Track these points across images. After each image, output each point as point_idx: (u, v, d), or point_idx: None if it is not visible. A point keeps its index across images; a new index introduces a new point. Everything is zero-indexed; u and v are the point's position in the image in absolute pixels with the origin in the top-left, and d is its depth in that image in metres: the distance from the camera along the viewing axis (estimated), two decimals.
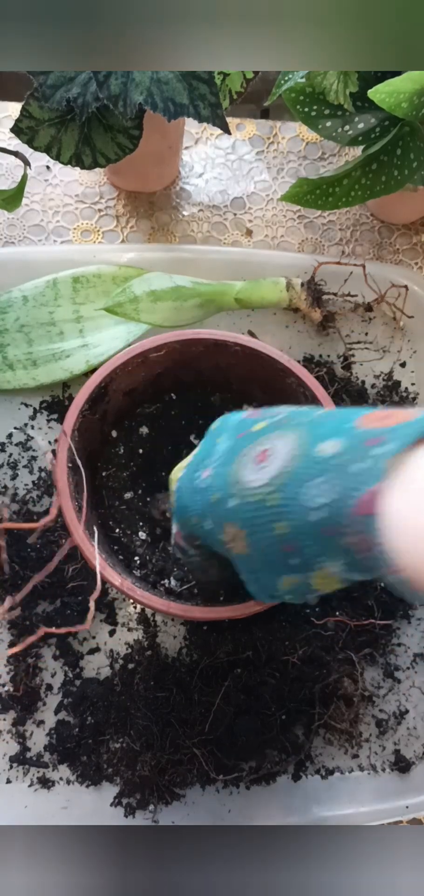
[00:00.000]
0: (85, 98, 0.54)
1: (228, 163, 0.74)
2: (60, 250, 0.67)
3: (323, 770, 0.53)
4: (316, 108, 0.60)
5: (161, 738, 0.51)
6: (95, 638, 0.55)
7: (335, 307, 0.66)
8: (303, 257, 0.67)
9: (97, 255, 0.65)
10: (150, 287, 0.60)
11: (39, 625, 0.48)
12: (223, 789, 0.52)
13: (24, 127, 0.57)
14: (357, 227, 0.72)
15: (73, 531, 0.47)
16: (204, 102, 0.54)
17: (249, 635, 0.54)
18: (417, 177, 0.59)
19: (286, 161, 0.74)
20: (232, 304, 0.63)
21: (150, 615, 0.56)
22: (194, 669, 0.53)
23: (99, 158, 0.58)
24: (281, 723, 0.52)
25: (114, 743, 0.52)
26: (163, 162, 0.70)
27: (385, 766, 0.53)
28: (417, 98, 0.54)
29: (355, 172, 0.60)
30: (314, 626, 0.55)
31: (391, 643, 0.56)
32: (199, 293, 0.62)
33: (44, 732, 0.52)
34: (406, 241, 0.72)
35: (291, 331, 0.66)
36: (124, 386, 0.55)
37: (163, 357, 0.55)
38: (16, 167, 0.71)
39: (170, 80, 0.53)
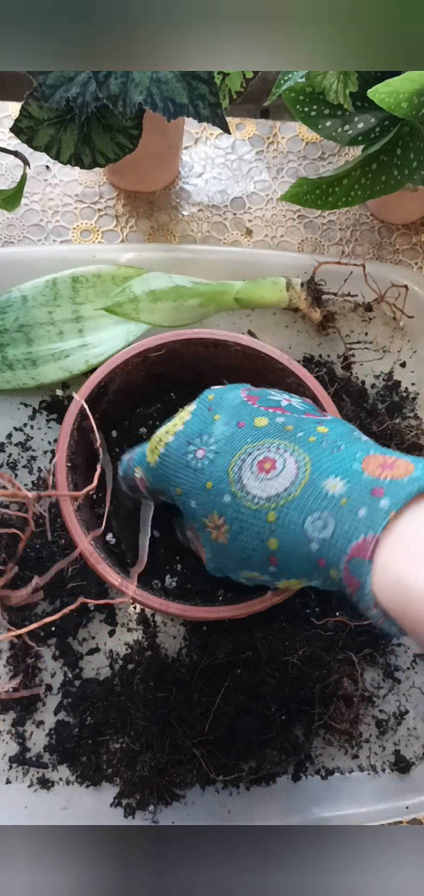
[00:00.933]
0: (84, 98, 0.54)
1: (228, 163, 0.74)
2: (60, 250, 0.67)
3: (323, 770, 0.53)
4: (316, 107, 0.60)
5: (161, 738, 0.51)
6: (95, 638, 0.55)
7: (335, 307, 0.65)
8: (303, 257, 0.67)
9: (97, 254, 0.65)
10: (150, 287, 0.60)
11: (77, 597, 0.49)
12: (223, 790, 0.52)
13: (23, 127, 0.57)
14: (357, 227, 0.72)
15: (73, 531, 0.47)
16: (203, 102, 0.54)
17: (249, 635, 0.54)
18: (417, 177, 0.59)
19: (286, 161, 0.74)
20: (231, 304, 0.63)
21: (150, 615, 0.56)
22: (194, 670, 0.53)
23: (98, 158, 0.58)
24: (281, 723, 0.52)
25: (113, 743, 0.52)
26: (162, 162, 0.70)
27: (385, 767, 0.53)
28: (417, 98, 0.54)
29: (355, 172, 0.60)
30: (314, 627, 0.55)
31: (391, 643, 0.56)
32: (199, 293, 0.62)
33: (43, 733, 0.52)
34: (406, 241, 0.71)
35: (291, 331, 0.66)
36: (124, 386, 0.55)
37: (163, 357, 0.55)
38: (15, 167, 0.71)
39: (169, 79, 0.53)
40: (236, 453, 0.41)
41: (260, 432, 0.41)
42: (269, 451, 0.40)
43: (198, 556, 0.47)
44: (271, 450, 0.40)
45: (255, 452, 0.40)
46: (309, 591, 0.56)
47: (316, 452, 0.39)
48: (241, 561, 0.41)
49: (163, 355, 0.55)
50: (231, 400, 0.45)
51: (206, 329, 0.57)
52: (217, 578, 0.46)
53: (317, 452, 0.39)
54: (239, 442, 0.41)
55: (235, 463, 0.40)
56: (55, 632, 0.55)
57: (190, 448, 0.43)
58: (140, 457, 0.48)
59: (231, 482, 0.40)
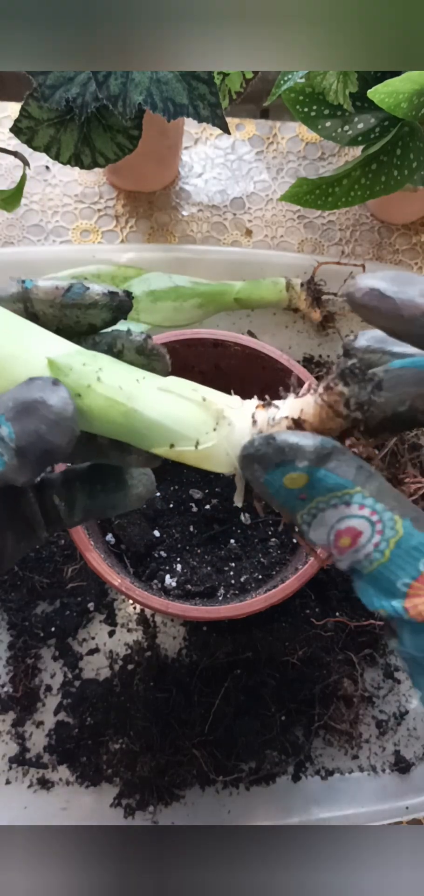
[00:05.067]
0: (84, 98, 0.54)
1: (228, 163, 0.74)
2: (59, 250, 0.67)
3: (322, 771, 0.53)
4: (316, 108, 0.60)
5: (160, 738, 0.51)
6: (95, 639, 0.55)
7: (335, 307, 0.65)
8: (303, 257, 0.67)
9: (96, 255, 0.65)
10: (150, 287, 0.60)
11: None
12: (223, 790, 0.52)
13: (23, 127, 0.57)
14: (357, 227, 0.72)
15: (73, 531, 0.47)
16: (203, 102, 0.54)
17: (249, 636, 0.54)
18: (417, 177, 0.59)
19: (285, 161, 0.74)
20: (231, 305, 0.63)
21: (150, 616, 0.56)
22: (194, 670, 0.53)
23: (98, 158, 0.58)
24: (280, 723, 0.52)
25: (113, 744, 0.52)
26: (162, 162, 0.70)
27: (385, 767, 0.53)
28: (416, 98, 0.54)
29: (355, 172, 0.60)
30: (314, 627, 0.55)
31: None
32: (199, 293, 0.62)
33: (43, 733, 0.52)
34: (406, 241, 0.71)
35: (291, 331, 0.66)
36: None
37: None
38: (15, 167, 0.71)
39: (169, 80, 0.53)
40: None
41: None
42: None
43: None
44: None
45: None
46: (308, 591, 0.56)
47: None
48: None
49: None
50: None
51: (206, 329, 0.57)
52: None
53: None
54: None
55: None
56: (55, 632, 0.54)
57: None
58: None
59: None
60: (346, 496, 0.27)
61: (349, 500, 0.27)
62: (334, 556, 0.28)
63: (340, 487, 0.27)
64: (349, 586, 0.55)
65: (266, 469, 0.27)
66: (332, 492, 0.27)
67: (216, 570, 0.53)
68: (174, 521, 0.55)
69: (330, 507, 0.27)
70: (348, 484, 0.27)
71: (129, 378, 0.30)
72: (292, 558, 0.53)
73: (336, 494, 0.27)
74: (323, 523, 0.27)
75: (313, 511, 0.28)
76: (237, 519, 0.55)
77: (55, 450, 0.27)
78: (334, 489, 0.27)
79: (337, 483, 0.27)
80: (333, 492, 0.27)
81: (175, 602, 0.48)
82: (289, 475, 0.27)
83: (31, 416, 0.27)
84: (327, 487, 0.27)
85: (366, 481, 0.27)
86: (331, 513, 0.27)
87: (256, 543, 0.54)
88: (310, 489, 0.27)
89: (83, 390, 0.29)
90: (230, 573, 0.53)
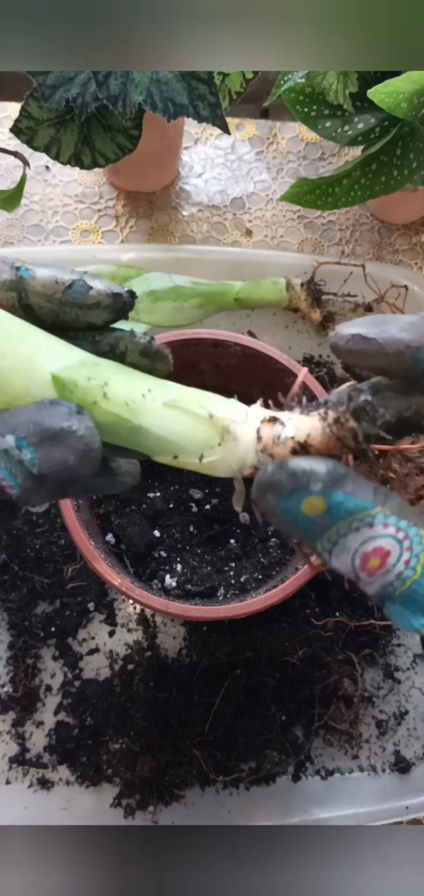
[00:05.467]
0: (84, 98, 0.54)
1: (228, 163, 0.74)
2: (59, 250, 0.67)
3: (322, 771, 0.53)
4: (316, 108, 0.60)
5: (160, 738, 0.51)
6: (95, 639, 0.55)
7: (335, 307, 0.66)
8: (303, 257, 0.67)
9: (96, 255, 0.65)
10: (150, 287, 0.60)
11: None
12: (223, 790, 0.52)
13: (23, 127, 0.57)
14: (357, 227, 0.72)
15: (73, 531, 0.47)
16: (203, 102, 0.54)
17: (249, 636, 0.54)
18: (417, 177, 0.59)
19: (285, 161, 0.74)
20: (231, 305, 0.63)
21: (150, 616, 0.56)
22: (194, 670, 0.53)
23: (98, 158, 0.58)
24: (280, 723, 0.52)
25: (113, 744, 0.52)
26: (162, 162, 0.70)
27: (385, 767, 0.53)
28: (416, 98, 0.54)
29: (355, 172, 0.60)
30: (314, 627, 0.55)
31: (391, 644, 0.56)
32: (199, 293, 0.62)
33: (43, 733, 0.52)
34: (406, 241, 0.71)
35: (291, 331, 0.66)
36: None
37: None
38: (15, 167, 0.71)
39: (169, 80, 0.53)
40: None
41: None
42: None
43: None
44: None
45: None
46: (308, 591, 0.56)
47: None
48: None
49: None
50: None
51: (206, 329, 0.57)
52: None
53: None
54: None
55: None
56: (55, 632, 0.54)
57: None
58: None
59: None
60: (367, 518, 0.26)
61: (371, 522, 0.26)
62: (362, 582, 0.27)
63: (361, 510, 0.26)
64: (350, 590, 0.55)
65: (281, 497, 0.27)
66: (353, 515, 0.26)
67: (216, 570, 0.53)
68: (174, 521, 0.55)
69: (352, 531, 0.27)
70: (368, 505, 0.26)
71: (135, 392, 0.29)
72: (292, 558, 0.53)
73: (357, 517, 0.26)
74: (344, 549, 0.27)
75: (333, 538, 0.27)
76: (237, 519, 0.55)
77: (80, 479, 0.27)
78: (354, 512, 0.26)
79: (356, 506, 0.26)
80: (354, 515, 0.26)
81: (175, 602, 0.48)
82: (308, 500, 0.26)
83: (58, 446, 0.26)
84: (348, 511, 0.26)
85: (385, 500, 0.27)
86: (354, 537, 0.27)
87: (256, 543, 0.54)
88: (330, 515, 0.26)
89: (89, 407, 0.28)
90: (230, 573, 0.53)
